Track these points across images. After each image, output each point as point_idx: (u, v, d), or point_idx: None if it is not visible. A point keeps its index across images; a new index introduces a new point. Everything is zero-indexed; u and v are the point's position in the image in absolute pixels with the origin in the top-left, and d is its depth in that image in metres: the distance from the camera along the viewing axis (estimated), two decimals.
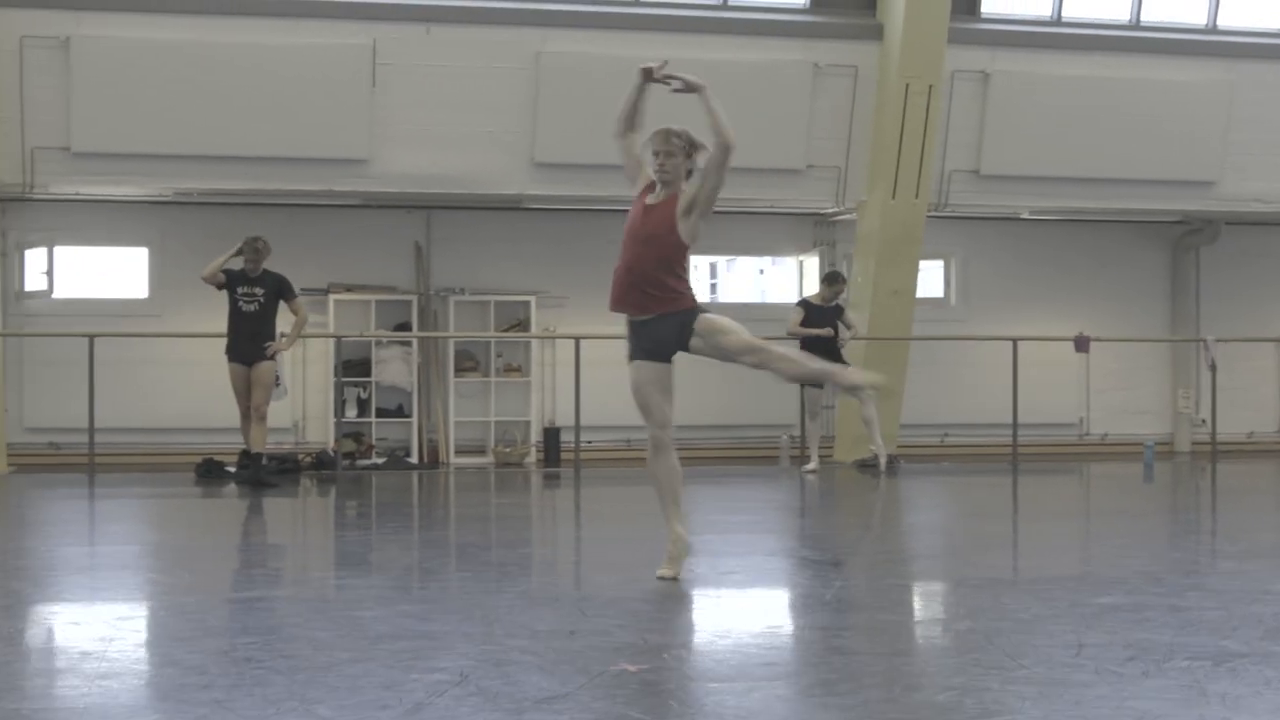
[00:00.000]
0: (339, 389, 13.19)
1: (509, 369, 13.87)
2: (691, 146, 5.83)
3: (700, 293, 6.36)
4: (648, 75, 5.95)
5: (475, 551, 7.56)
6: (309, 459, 12.30)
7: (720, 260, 17.38)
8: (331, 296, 13.37)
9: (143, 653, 4.44)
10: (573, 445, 12.94)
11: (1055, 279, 14.67)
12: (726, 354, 6.08)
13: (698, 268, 15.04)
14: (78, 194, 12.86)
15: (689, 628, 5.18)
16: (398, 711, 3.48)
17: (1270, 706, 3.60)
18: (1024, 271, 14.63)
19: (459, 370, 13.77)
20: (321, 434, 13.34)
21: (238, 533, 8.59)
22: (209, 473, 11.44)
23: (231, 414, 10.96)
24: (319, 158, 12.49)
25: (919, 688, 3.89)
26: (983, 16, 13.38)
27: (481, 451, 13.73)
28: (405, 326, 13.63)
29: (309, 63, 12.33)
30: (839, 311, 12.03)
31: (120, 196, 13.12)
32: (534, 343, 13.74)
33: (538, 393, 13.81)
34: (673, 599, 5.58)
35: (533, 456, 13.41)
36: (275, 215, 13.18)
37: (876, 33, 12.87)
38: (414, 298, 13.68)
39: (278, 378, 10.98)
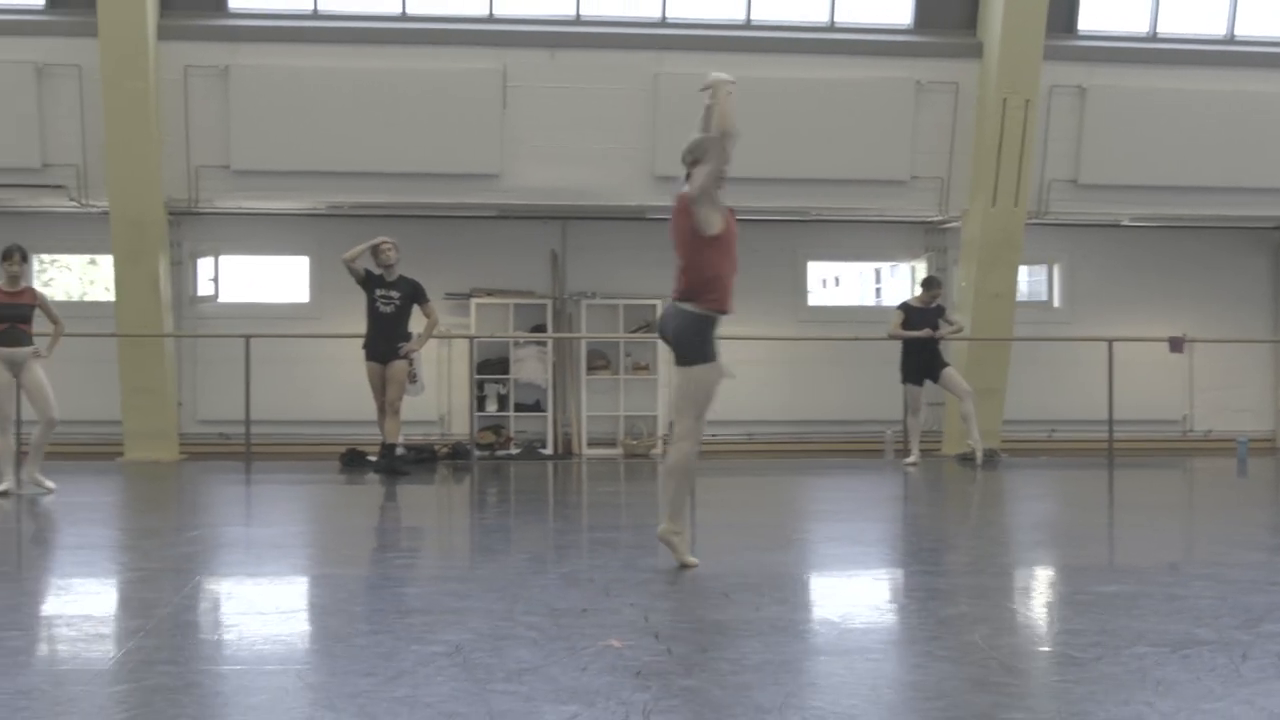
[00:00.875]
0: (479, 385, 14.22)
1: (637, 367, 14.66)
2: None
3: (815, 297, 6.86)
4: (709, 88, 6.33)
5: (556, 535, 8.07)
6: (446, 449, 13.24)
7: (838, 265, 17.86)
8: (473, 300, 14.28)
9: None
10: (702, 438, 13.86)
11: (1158, 283, 15.00)
12: None
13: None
14: (239, 208, 13.87)
15: (705, 611, 5.24)
16: (379, 679, 3.82)
17: (1202, 692, 3.74)
18: (1127, 276, 14.99)
19: (591, 368, 14.57)
20: (464, 427, 14.26)
21: (354, 516, 9.26)
22: (351, 462, 12.39)
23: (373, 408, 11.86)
24: (455, 173, 13.29)
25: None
26: (1080, 34, 13.77)
27: (611, 444, 14.50)
28: (541, 328, 14.43)
29: (446, 86, 13.11)
30: (940, 312, 12.49)
31: (277, 210, 14.11)
32: (660, 342, 14.52)
33: (664, 389, 14.59)
34: (710, 583, 5.78)
35: (659, 448, 14.21)
36: (421, 225, 14.06)
37: (976, 50, 13.34)
38: (549, 301, 14.50)
39: (413, 375, 11.89)
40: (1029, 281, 15.44)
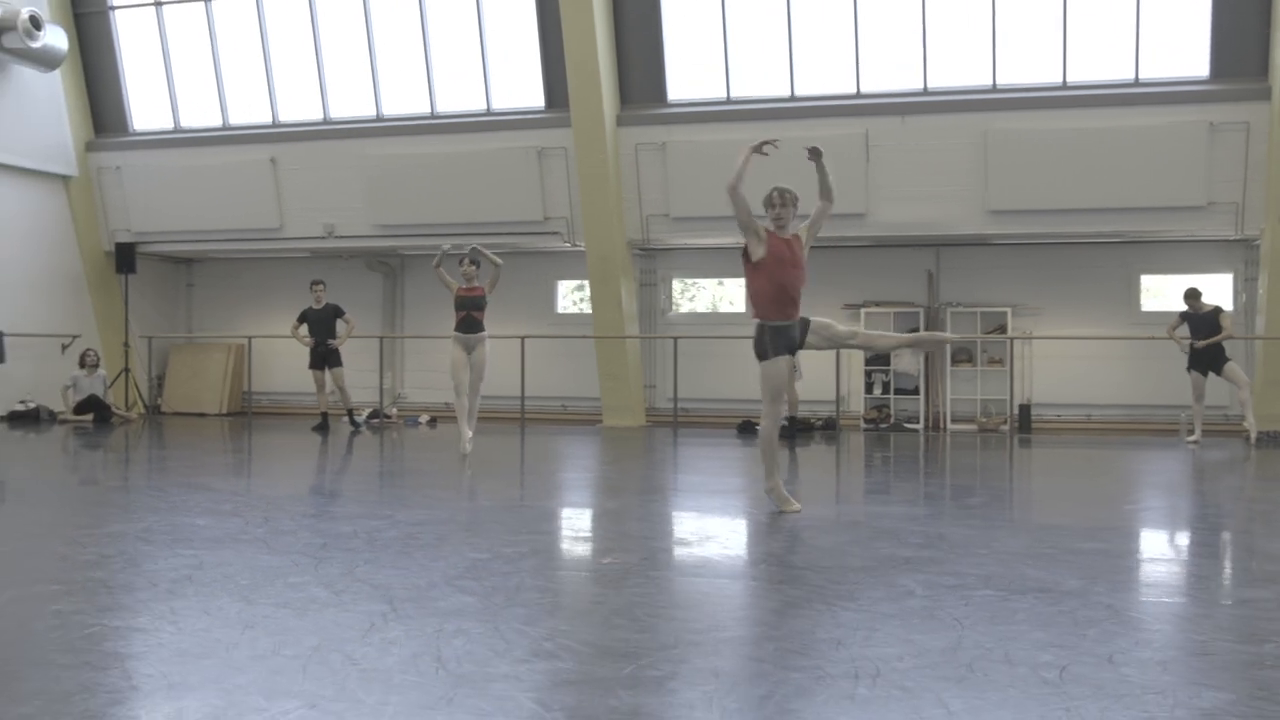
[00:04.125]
0: (867, 375, 17.61)
1: (992, 361, 17.38)
2: (795, 201, 7.29)
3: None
4: (757, 149, 7.30)
5: (749, 484, 9.13)
6: (820, 422, 16.65)
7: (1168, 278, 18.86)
8: (863, 310, 17.53)
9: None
10: (1044, 418, 16.41)
11: None
12: (837, 341, 7.52)
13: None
14: (682, 244, 17.39)
15: (749, 540, 6.67)
16: (410, 574, 5.53)
17: (985, 630, 4.28)
18: None
19: (955, 362, 17.49)
20: (857, 406, 17.55)
21: (674, 471, 11.58)
22: (745, 429, 15.73)
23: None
24: (830, 214, 16.14)
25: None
26: None
27: (970, 421, 17.36)
28: (915, 331, 17.16)
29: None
30: (1218, 312, 13.84)
31: (712, 245, 17.34)
32: (1012, 340, 16.94)
33: (1017, 379, 17.05)
34: (796, 524, 7.22)
35: (1008, 425, 16.85)
36: (812, 256, 17.45)
37: (1265, 94, 14.57)
38: (921, 310, 17.50)
39: (795, 367, 15.36)
40: None
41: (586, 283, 17.84)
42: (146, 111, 19.37)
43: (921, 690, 3.69)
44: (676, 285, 18.85)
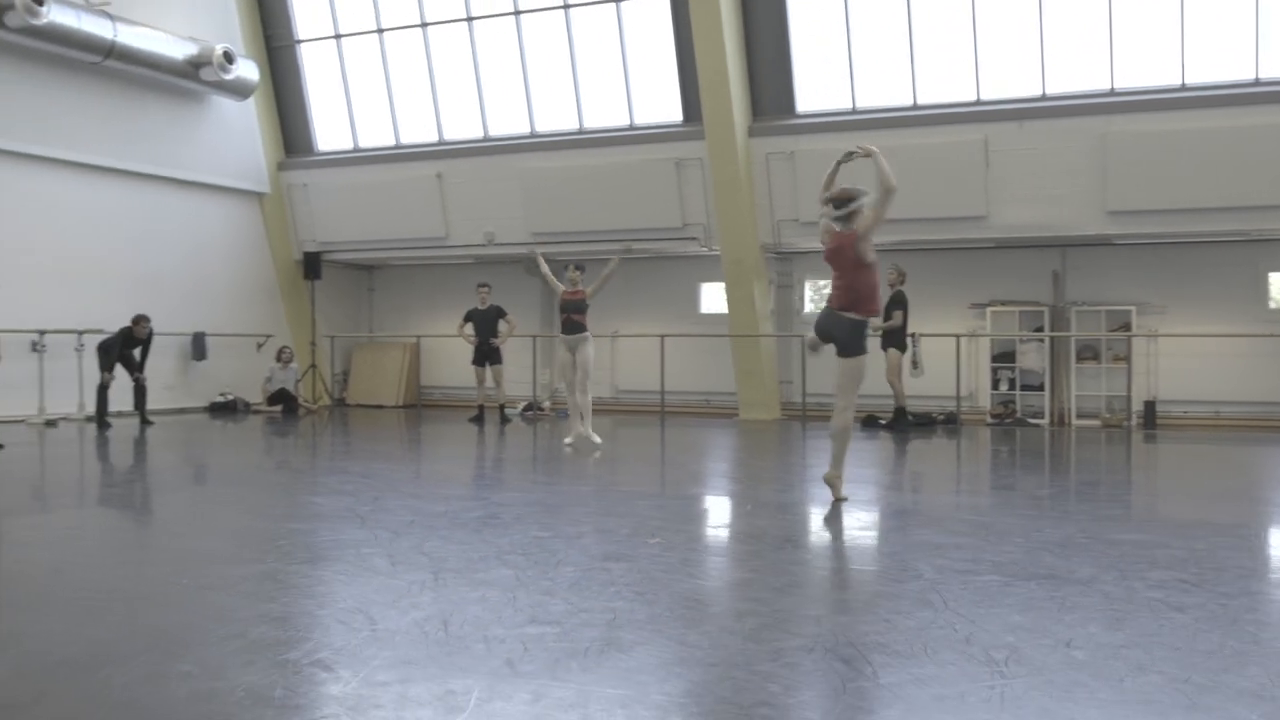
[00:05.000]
0: (994, 372, 17.27)
1: (1116, 359, 16.75)
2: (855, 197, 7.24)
3: None
4: (847, 157, 7.47)
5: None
6: (941, 416, 16.43)
7: None
8: (989, 310, 17.18)
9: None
10: (1170, 415, 15.91)
11: None
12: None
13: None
14: (812, 247, 16.94)
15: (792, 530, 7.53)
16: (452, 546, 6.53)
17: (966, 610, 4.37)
18: None
19: (1079, 359, 16.94)
20: (984, 402, 17.24)
21: (773, 461, 11.83)
22: (870, 423, 15.60)
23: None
24: (950, 217, 15.81)
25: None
26: None
27: (1094, 416, 16.78)
28: (1040, 329, 16.93)
29: (941, 154, 15.51)
30: None
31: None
32: (1135, 338, 16.35)
33: (1139, 376, 16.46)
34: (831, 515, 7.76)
35: (1132, 421, 16.24)
36: (938, 256, 17.30)
37: None
38: (1046, 309, 17.00)
39: (915, 361, 15.25)
40: None
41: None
42: (329, 133, 20.31)
43: (860, 661, 3.74)
44: (809, 286, 18.75)
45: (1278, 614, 4.48)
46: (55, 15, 15.55)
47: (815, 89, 16.82)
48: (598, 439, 11.63)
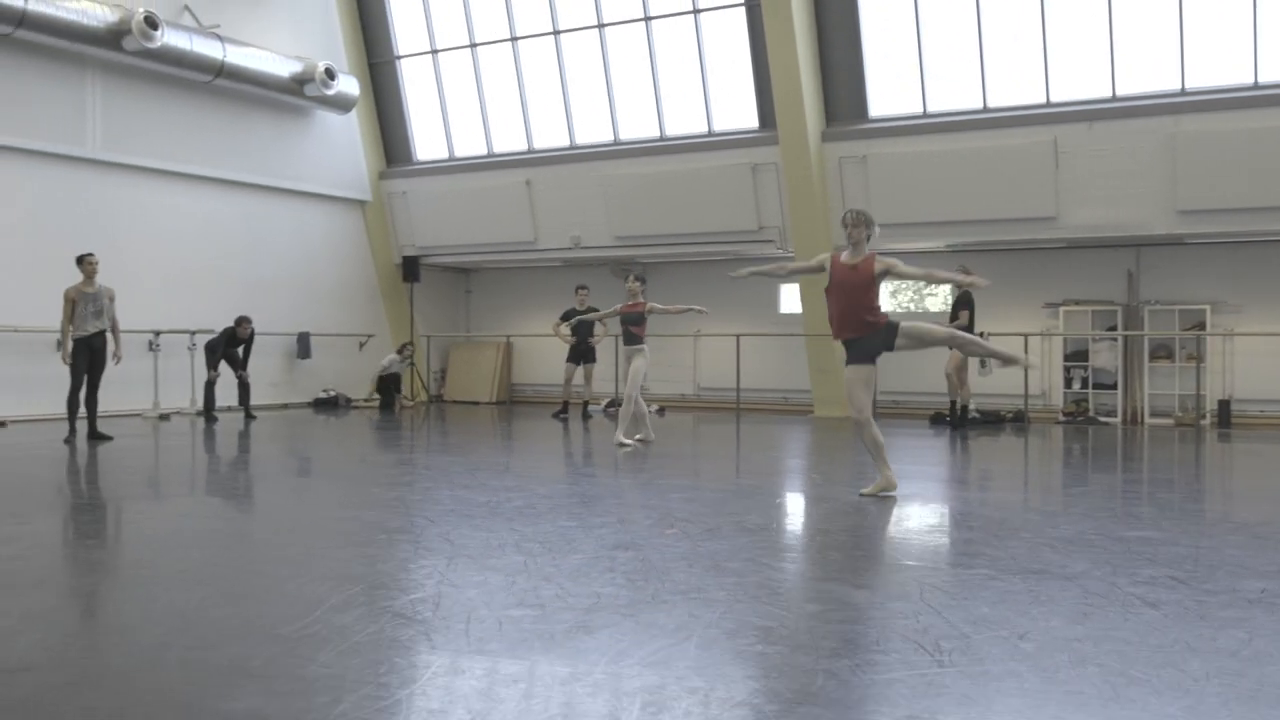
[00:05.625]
0: (1066, 370, 16.93)
1: (1189, 357, 16.28)
2: (869, 224, 7.40)
3: None
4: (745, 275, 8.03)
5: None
6: (1010, 414, 16.10)
7: None
8: (1062, 309, 16.87)
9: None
10: (1247, 414, 15.38)
11: None
12: (929, 343, 7.54)
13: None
14: (883, 249, 16.91)
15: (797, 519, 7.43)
16: (478, 524, 7.18)
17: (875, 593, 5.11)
18: None
19: (1153, 358, 16.52)
20: (1058, 400, 16.91)
21: (830, 457, 11.71)
22: (937, 420, 15.51)
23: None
24: (1020, 218, 15.58)
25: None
26: None
27: (1167, 415, 16.36)
28: (1113, 328, 16.59)
29: (1008, 156, 15.37)
30: None
31: (914, 249, 16.76)
32: (1210, 336, 15.98)
33: (1214, 375, 16.05)
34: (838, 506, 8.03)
35: (1207, 420, 15.84)
36: (1010, 256, 16.99)
37: None
38: (1119, 308, 16.62)
39: (984, 361, 14.98)
40: None
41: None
42: (427, 144, 20.76)
43: (809, 649, 3.79)
44: (882, 288, 18.52)
45: (1252, 611, 4.39)
46: (169, 38, 16.21)
47: (887, 94, 16.71)
48: (629, 443, 11.42)
